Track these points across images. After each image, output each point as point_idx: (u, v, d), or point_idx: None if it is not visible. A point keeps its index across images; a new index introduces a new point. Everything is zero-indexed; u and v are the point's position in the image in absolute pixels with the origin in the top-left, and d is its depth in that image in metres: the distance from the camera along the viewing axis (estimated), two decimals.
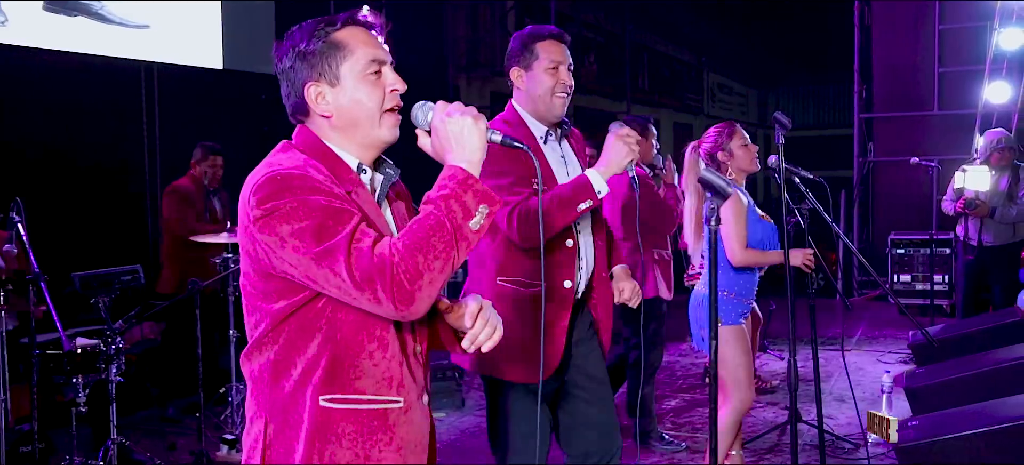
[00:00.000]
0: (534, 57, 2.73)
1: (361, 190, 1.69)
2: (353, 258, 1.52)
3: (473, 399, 5.62)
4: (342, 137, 1.71)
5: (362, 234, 1.55)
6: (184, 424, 5.26)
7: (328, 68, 1.67)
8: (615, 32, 13.83)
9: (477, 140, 1.64)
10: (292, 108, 1.74)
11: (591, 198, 2.58)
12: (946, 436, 3.54)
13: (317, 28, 1.69)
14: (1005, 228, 6.15)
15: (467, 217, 1.58)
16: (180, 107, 6.39)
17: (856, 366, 6.42)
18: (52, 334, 4.29)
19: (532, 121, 2.77)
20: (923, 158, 7.13)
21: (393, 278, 1.52)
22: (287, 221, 1.55)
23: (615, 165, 2.62)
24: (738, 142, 3.64)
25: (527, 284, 2.67)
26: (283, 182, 1.57)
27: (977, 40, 8.98)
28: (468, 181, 1.59)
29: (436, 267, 1.55)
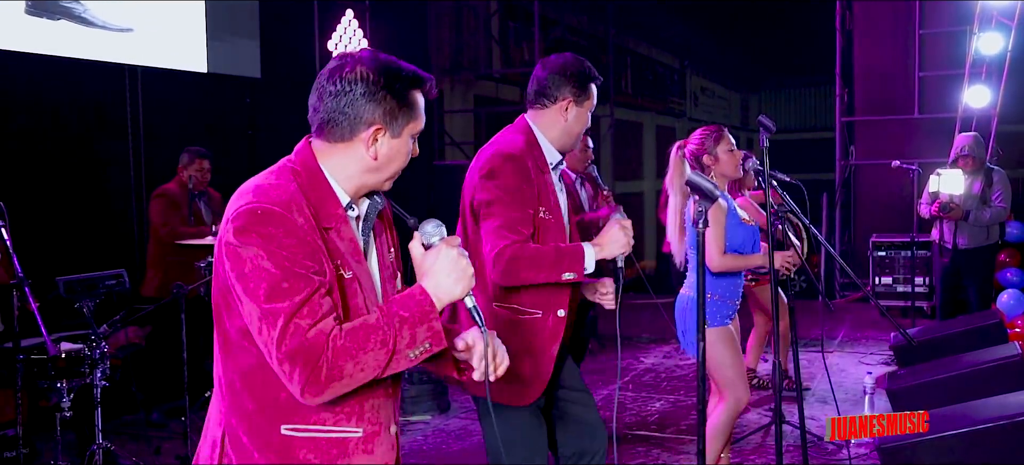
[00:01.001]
0: (587, 97, 2.78)
1: (344, 227, 1.74)
2: (288, 331, 1.58)
3: (458, 402, 5.62)
4: (356, 171, 1.75)
5: (309, 308, 1.59)
6: (169, 428, 5.24)
7: (399, 120, 1.73)
8: (598, 35, 13.88)
9: (458, 291, 1.70)
10: (331, 124, 1.73)
11: (578, 272, 2.63)
12: (928, 437, 3.58)
13: (401, 76, 1.73)
14: (979, 231, 6.25)
15: (410, 345, 1.64)
16: (164, 110, 6.36)
17: (838, 367, 6.49)
18: (36, 339, 4.26)
19: (548, 147, 2.79)
20: (904, 161, 7.22)
21: (314, 367, 1.58)
22: (250, 263, 1.60)
23: (609, 251, 2.65)
24: (724, 147, 3.67)
25: (522, 312, 2.72)
26: (262, 218, 1.62)
27: (957, 44, 9.09)
28: (429, 315, 1.65)
29: (359, 377, 1.62)
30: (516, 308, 2.72)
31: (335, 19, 8.14)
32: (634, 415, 5.45)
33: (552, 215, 2.73)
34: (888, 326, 7.62)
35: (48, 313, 4.18)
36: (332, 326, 1.60)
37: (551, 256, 2.62)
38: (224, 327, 1.70)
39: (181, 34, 6.50)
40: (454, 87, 10.87)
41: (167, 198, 5.46)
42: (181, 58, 6.49)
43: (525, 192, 2.65)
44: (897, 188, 8.71)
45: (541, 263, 2.61)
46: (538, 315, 2.72)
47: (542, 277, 2.62)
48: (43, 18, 5.51)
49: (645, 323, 7.48)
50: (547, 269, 2.61)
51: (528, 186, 2.66)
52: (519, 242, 2.61)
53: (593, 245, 2.66)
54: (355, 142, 1.72)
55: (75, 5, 5.70)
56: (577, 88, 2.75)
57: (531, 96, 2.84)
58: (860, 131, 10.02)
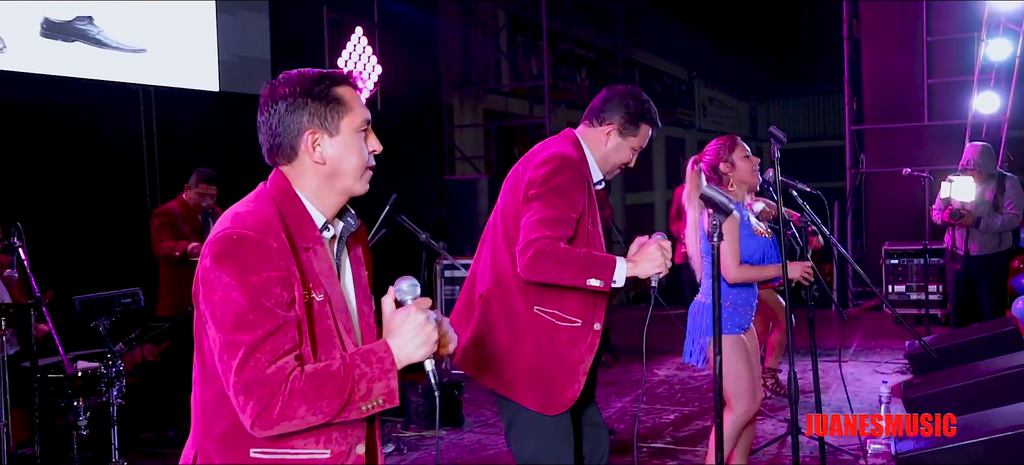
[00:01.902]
0: (634, 133, 2.81)
1: (320, 248, 1.77)
2: (248, 364, 1.61)
3: (472, 417, 5.62)
4: (322, 185, 1.79)
5: (271, 343, 1.62)
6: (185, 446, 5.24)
7: (330, 119, 1.76)
8: (606, 48, 13.93)
9: (419, 356, 1.72)
10: (277, 148, 1.78)
11: (605, 281, 2.61)
12: (945, 446, 3.57)
13: (321, 80, 1.78)
14: (991, 238, 6.23)
15: (364, 399, 1.67)
16: (177, 129, 6.42)
17: (853, 377, 6.46)
18: (53, 357, 4.30)
19: (593, 164, 2.83)
20: (915, 169, 7.20)
21: (268, 404, 1.61)
22: (221, 290, 1.64)
23: (644, 269, 2.64)
24: (739, 154, 3.67)
25: (563, 319, 2.72)
26: (238, 243, 1.66)
27: (965, 51, 9.08)
28: (388, 374, 1.68)
29: (310, 420, 1.65)
30: (558, 314, 2.72)
31: (345, 37, 8.21)
32: (648, 427, 5.44)
33: (594, 228, 2.75)
34: (902, 335, 7.58)
35: (65, 332, 4.22)
36: (293, 366, 1.64)
37: (580, 259, 2.60)
38: (203, 350, 1.74)
39: (194, 54, 6.57)
40: (463, 102, 10.92)
41: (163, 217, 5.48)
42: (194, 78, 6.56)
43: (575, 197, 2.68)
44: (908, 195, 8.68)
45: (568, 263, 2.58)
46: (578, 324, 2.72)
47: (566, 278, 2.60)
48: (58, 40, 5.59)
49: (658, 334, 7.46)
50: (573, 271, 2.58)
51: (580, 194, 2.69)
52: (551, 238, 2.59)
53: (628, 260, 2.64)
54: (301, 155, 1.77)
55: (89, 27, 5.78)
56: (626, 119, 2.79)
57: (587, 111, 2.89)
58: (870, 139, 10.00)
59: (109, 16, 5.88)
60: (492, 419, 5.48)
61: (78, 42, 5.71)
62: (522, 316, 2.73)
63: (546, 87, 10.35)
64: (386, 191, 5.24)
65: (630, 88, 2.87)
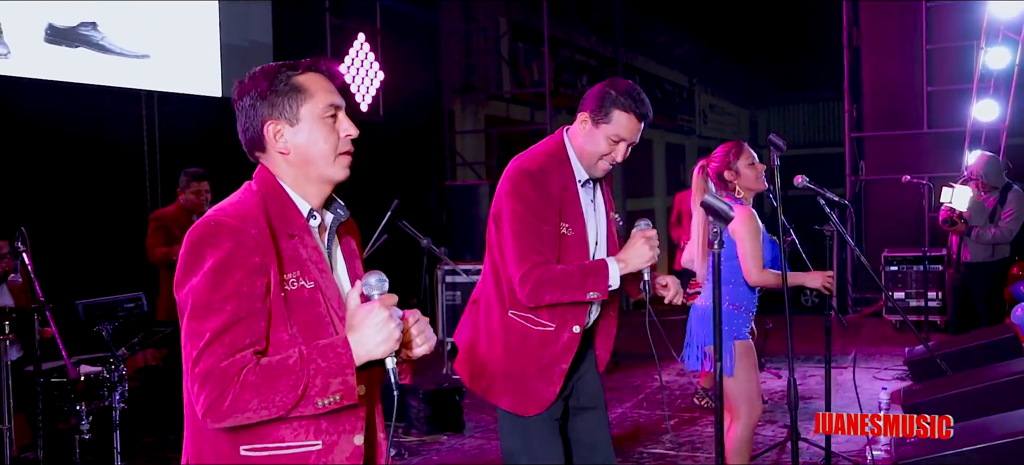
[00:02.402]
0: (606, 120, 2.67)
1: (306, 236, 1.77)
2: (204, 354, 1.61)
3: (473, 422, 5.64)
4: (297, 174, 1.79)
5: (231, 335, 1.62)
6: None
7: (288, 108, 1.77)
8: (607, 55, 13.97)
9: (379, 353, 1.68)
10: (248, 143, 1.82)
11: (602, 290, 2.62)
12: (944, 452, 3.58)
13: (280, 71, 1.79)
14: (982, 247, 6.28)
15: (321, 394, 1.64)
16: (180, 134, 6.45)
17: (852, 383, 6.47)
18: (56, 362, 4.32)
19: (577, 163, 2.75)
20: (914, 176, 7.23)
21: (219, 396, 1.60)
22: (192, 278, 1.67)
23: (634, 265, 2.63)
24: (745, 161, 3.69)
25: (536, 323, 2.72)
26: (215, 230, 1.68)
27: (964, 59, 9.12)
28: (346, 369, 1.65)
29: (262, 413, 1.63)
30: (530, 319, 2.72)
31: (347, 43, 8.25)
32: (649, 433, 5.46)
33: (574, 231, 2.70)
34: (902, 341, 7.60)
35: (68, 336, 4.23)
36: (248, 359, 1.63)
37: (577, 276, 2.62)
38: None
39: (196, 60, 6.60)
40: (465, 108, 10.95)
41: (158, 222, 5.48)
42: (196, 83, 6.59)
43: (546, 210, 2.64)
44: (907, 202, 8.72)
45: (567, 284, 2.61)
46: (551, 329, 2.72)
47: (568, 298, 2.63)
48: (62, 46, 5.62)
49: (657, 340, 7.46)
50: (573, 290, 2.62)
51: (547, 202, 2.65)
52: (543, 264, 2.61)
53: (617, 260, 2.64)
54: (269, 148, 1.79)
55: (93, 33, 5.81)
56: (597, 106, 2.68)
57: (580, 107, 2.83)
58: (869, 146, 10.04)
59: (113, 22, 5.91)
60: (492, 424, 5.49)
61: (82, 48, 5.74)
62: (497, 320, 2.75)
63: (548, 93, 10.38)
64: (388, 196, 5.27)
65: (616, 79, 2.78)
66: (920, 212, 7.88)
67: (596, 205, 2.83)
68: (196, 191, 5.51)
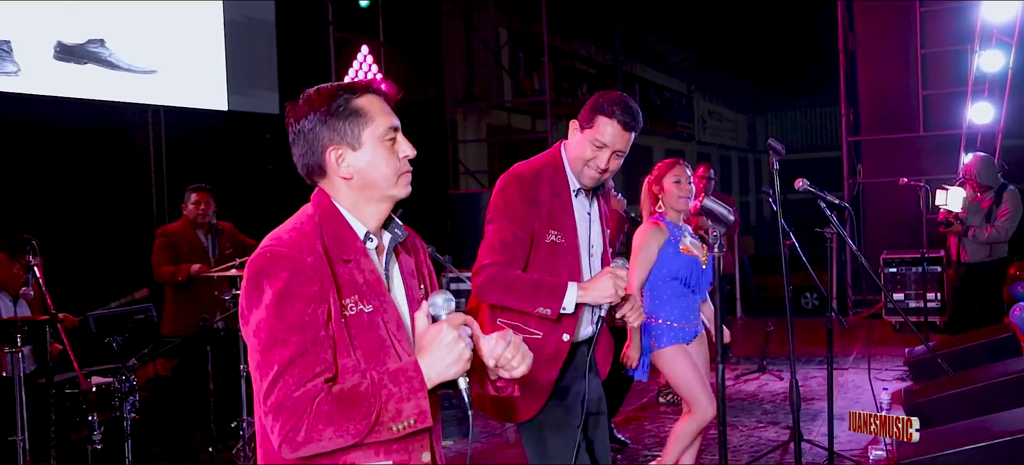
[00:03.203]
0: (590, 125, 2.71)
1: (363, 259, 1.75)
2: (276, 386, 1.60)
3: (479, 427, 5.69)
4: (358, 197, 1.78)
5: (301, 366, 1.61)
6: (197, 459, 5.31)
7: (350, 133, 1.75)
8: (607, 64, 14.07)
9: (451, 374, 1.66)
10: (308, 169, 1.79)
11: (553, 309, 2.59)
12: (946, 451, 3.63)
13: (338, 94, 1.76)
14: (980, 247, 6.34)
15: (395, 419, 1.62)
16: (187, 148, 6.52)
17: (853, 384, 6.52)
18: (68, 373, 4.37)
19: (571, 173, 2.78)
20: (911, 178, 7.31)
21: (293, 428, 1.59)
22: (257, 310, 1.65)
23: (593, 297, 2.59)
24: (670, 178, 3.80)
25: (523, 330, 2.67)
26: (272, 260, 1.66)
27: (958, 63, 9.21)
28: (418, 393, 1.63)
29: (338, 442, 1.62)
30: (516, 325, 2.68)
31: (351, 55, 8.34)
32: (652, 436, 5.51)
33: (565, 238, 2.70)
34: (901, 342, 7.65)
35: (76, 348, 4.29)
36: (320, 388, 1.61)
37: (526, 287, 2.61)
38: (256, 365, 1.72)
39: (202, 74, 6.68)
40: (467, 117, 11.04)
41: (164, 237, 5.52)
42: (202, 97, 6.67)
43: (525, 214, 2.65)
44: (905, 205, 8.79)
45: (515, 291, 2.61)
46: (538, 336, 2.70)
47: (514, 304, 2.63)
48: (71, 63, 5.70)
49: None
50: (520, 298, 2.61)
51: (531, 208, 2.66)
52: (501, 264, 2.62)
53: (580, 287, 2.61)
54: (330, 172, 1.76)
55: (101, 50, 5.89)
56: (584, 114, 2.74)
57: None
58: (866, 150, 10.12)
59: (120, 39, 6.00)
60: (499, 429, 5.56)
61: (90, 64, 5.82)
62: (486, 326, 2.72)
63: (548, 102, 10.47)
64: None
65: (609, 91, 2.81)
66: (918, 214, 7.94)
67: (592, 217, 2.84)
68: (195, 202, 5.53)
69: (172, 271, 5.36)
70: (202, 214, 5.52)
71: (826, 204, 3.87)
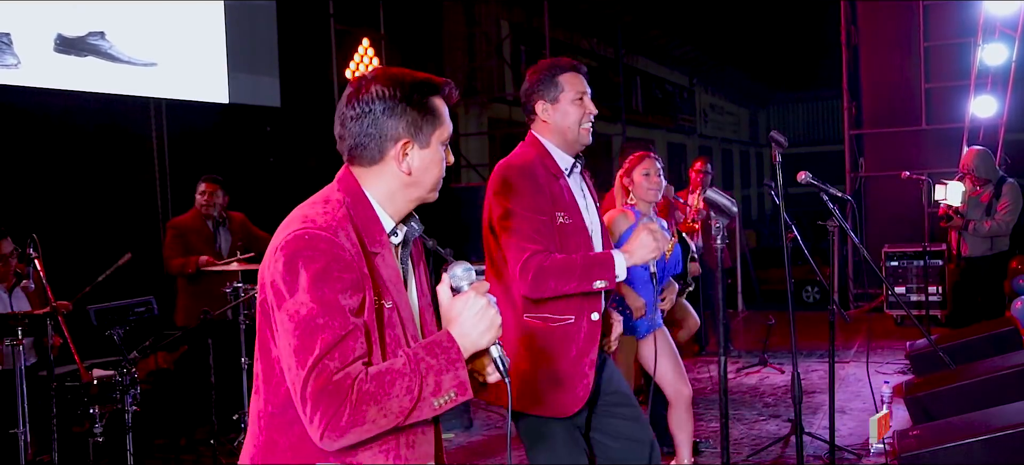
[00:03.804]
0: (560, 89, 2.73)
1: (387, 252, 1.71)
2: (315, 370, 1.53)
3: (480, 419, 5.70)
4: (395, 191, 1.73)
5: (341, 350, 1.55)
6: (199, 452, 5.33)
7: (424, 130, 1.71)
8: (608, 57, 14.05)
9: (485, 342, 1.64)
10: (361, 148, 1.70)
11: (609, 279, 2.59)
12: (947, 444, 3.63)
13: (418, 86, 1.71)
14: (981, 241, 6.34)
15: (435, 393, 1.59)
16: (188, 141, 6.52)
17: (855, 378, 6.53)
18: (70, 366, 4.38)
19: (558, 153, 2.76)
20: (913, 172, 7.30)
21: (336, 412, 1.52)
22: (293, 294, 1.57)
23: (639, 257, 2.62)
24: (640, 171, 3.84)
25: (554, 319, 2.66)
26: (310, 243, 1.59)
27: (961, 56, 9.18)
28: (456, 364, 1.60)
29: (382, 423, 1.57)
30: (547, 317, 2.66)
31: (352, 48, 8.33)
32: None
33: (571, 219, 2.70)
34: (902, 335, 7.65)
35: (77, 341, 4.29)
36: (360, 370, 1.56)
37: (580, 265, 2.58)
38: (270, 358, 1.66)
39: (203, 67, 6.67)
40: (468, 110, 11.03)
41: (175, 230, 5.52)
42: (203, 90, 6.66)
43: (538, 199, 2.63)
44: (907, 198, 8.78)
45: (570, 273, 2.57)
46: (571, 321, 2.67)
47: (572, 287, 2.58)
48: (71, 56, 5.69)
49: None
50: (577, 278, 2.57)
51: (540, 193, 2.64)
52: (542, 252, 2.57)
53: (623, 251, 2.62)
54: (386, 161, 1.70)
55: (101, 43, 5.88)
56: (545, 87, 2.74)
57: (525, 113, 2.88)
58: (869, 143, 10.10)
59: (121, 31, 5.99)
60: (500, 422, 5.56)
61: (91, 57, 5.81)
62: (513, 329, 2.68)
63: None
64: None
65: (532, 67, 2.83)
66: (920, 208, 7.94)
67: (586, 195, 2.84)
68: (202, 192, 5.53)
69: (182, 264, 5.38)
70: (208, 204, 5.52)
71: (829, 197, 3.87)
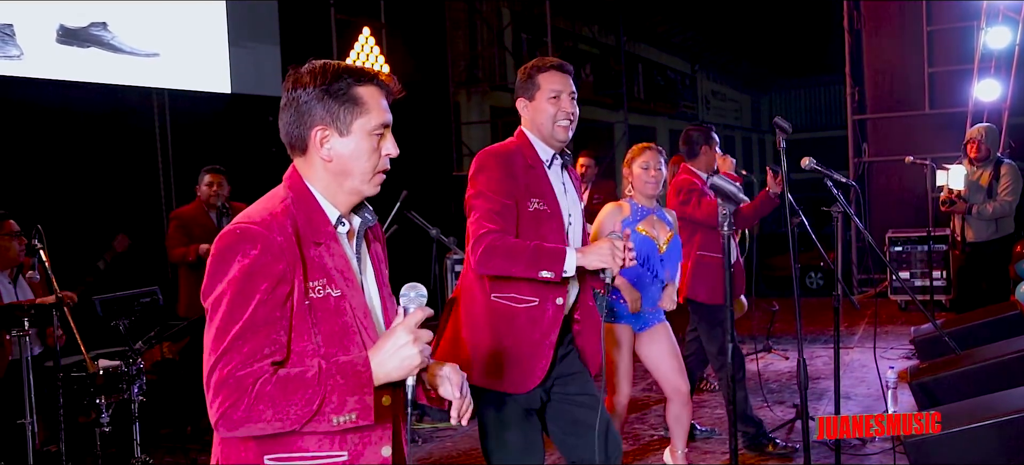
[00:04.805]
0: (536, 88, 2.86)
1: (334, 244, 1.74)
2: (222, 361, 1.59)
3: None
4: (331, 182, 1.76)
5: (251, 345, 1.59)
6: (204, 442, 5.34)
7: (342, 117, 1.73)
8: (610, 44, 14.01)
9: (396, 376, 1.65)
10: (290, 139, 1.77)
11: (555, 272, 2.65)
12: (953, 429, 3.63)
13: (342, 76, 1.74)
14: (986, 224, 6.32)
15: (337, 411, 1.61)
16: (191, 131, 6.53)
17: (859, 364, 6.54)
18: (76, 356, 4.39)
19: (540, 145, 2.89)
20: (917, 156, 7.28)
21: (232, 405, 1.57)
22: (220, 285, 1.64)
23: (590, 261, 2.67)
24: (639, 164, 3.84)
25: (520, 300, 2.78)
26: (240, 237, 1.65)
27: (965, 40, 9.15)
28: (364, 388, 1.62)
29: (275, 425, 1.60)
30: (514, 297, 2.77)
31: (353, 37, 8.31)
32: (659, 416, 5.53)
33: (547, 206, 2.80)
34: (907, 321, 7.66)
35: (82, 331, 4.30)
36: (265, 370, 1.59)
37: (528, 252, 2.66)
38: None
39: (206, 57, 6.67)
40: (470, 99, 11.02)
41: (177, 220, 5.53)
42: (205, 80, 6.66)
43: (507, 185, 2.73)
44: (911, 183, 8.77)
45: (518, 257, 2.65)
46: (535, 303, 2.78)
47: (517, 270, 2.67)
48: (74, 46, 5.68)
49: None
50: (523, 264, 2.65)
51: (511, 180, 2.75)
52: (497, 232, 2.67)
53: (578, 250, 2.70)
54: (311, 150, 1.74)
55: (104, 33, 5.87)
56: (524, 86, 2.88)
57: None
58: (872, 128, 10.08)
59: (123, 22, 5.98)
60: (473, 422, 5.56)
61: (93, 47, 5.81)
62: (481, 307, 2.81)
63: None
64: (396, 188, 5.33)
65: (526, 64, 2.96)
66: (923, 192, 7.92)
67: (566, 187, 2.93)
68: (208, 183, 5.54)
69: (183, 252, 5.38)
70: (215, 195, 5.53)
71: (833, 182, 3.86)
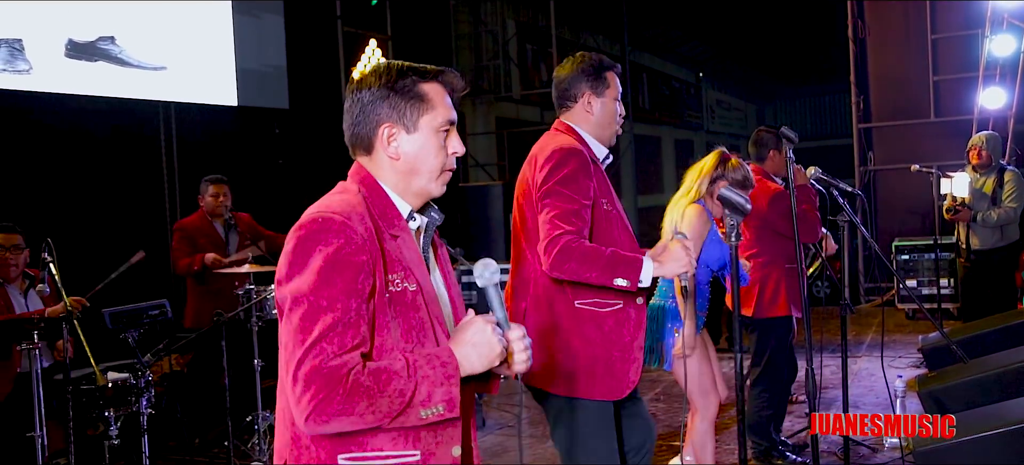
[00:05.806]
0: (606, 85, 2.82)
1: (406, 236, 1.73)
2: (312, 352, 1.55)
3: (493, 419, 5.71)
4: (399, 180, 1.75)
5: (340, 335, 1.57)
6: (212, 454, 5.35)
7: (409, 114, 1.73)
8: (614, 54, 14.03)
9: (478, 367, 1.66)
10: (355, 138, 1.76)
11: (631, 281, 2.57)
12: (962, 438, 3.61)
13: (407, 73, 1.74)
14: (991, 232, 6.31)
15: (425, 404, 1.59)
16: (198, 144, 6.56)
17: (867, 372, 6.52)
18: (85, 369, 4.41)
19: (594, 143, 2.83)
20: (923, 165, 7.27)
21: (326, 397, 1.54)
22: (300, 275, 1.60)
23: (670, 269, 2.60)
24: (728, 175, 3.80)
25: (604, 305, 2.72)
26: (323, 226, 1.62)
27: (969, 48, 9.15)
28: (451, 380, 1.61)
29: (367, 419, 1.57)
30: (599, 303, 2.71)
31: (359, 49, 8.35)
32: (665, 425, 5.52)
33: (613, 207, 2.74)
34: (914, 329, 7.63)
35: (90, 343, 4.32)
36: (357, 361, 1.57)
37: (606, 258, 2.57)
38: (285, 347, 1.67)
39: (212, 70, 6.71)
40: (476, 110, 11.05)
41: (182, 232, 5.53)
42: (213, 93, 6.70)
43: (584, 185, 2.65)
44: (917, 191, 8.76)
45: (594, 262, 2.56)
46: (619, 306, 2.72)
47: (592, 276, 2.57)
48: (82, 61, 5.72)
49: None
50: (599, 269, 2.56)
51: (588, 179, 2.67)
52: (573, 234, 2.57)
53: (653, 259, 2.60)
54: (378, 148, 1.74)
55: (112, 47, 5.92)
56: (593, 80, 2.81)
57: (557, 102, 2.91)
58: (877, 136, 10.08)
59: (131, 36, 6.03)
60: (511, 421, 5.57)
61: (101, 61, 5.85)
62: (565, 315, 2.72)
63: None
64: None
65: (575, 56, 2.90)
66: (930, 201, 7.90)
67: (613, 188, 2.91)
68: (213, 194, 5.51)
69: (188, 263, 5.39)
70: (221, 205, 5.52)
71: (839, 192, 3.86)
